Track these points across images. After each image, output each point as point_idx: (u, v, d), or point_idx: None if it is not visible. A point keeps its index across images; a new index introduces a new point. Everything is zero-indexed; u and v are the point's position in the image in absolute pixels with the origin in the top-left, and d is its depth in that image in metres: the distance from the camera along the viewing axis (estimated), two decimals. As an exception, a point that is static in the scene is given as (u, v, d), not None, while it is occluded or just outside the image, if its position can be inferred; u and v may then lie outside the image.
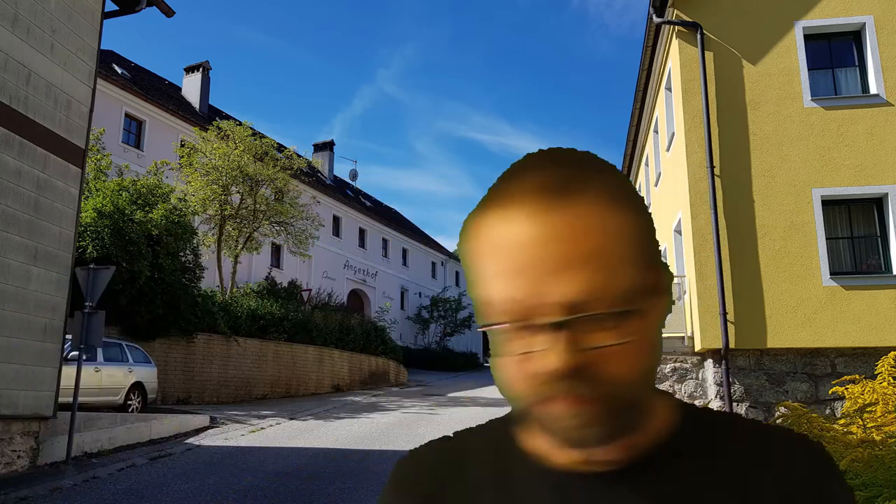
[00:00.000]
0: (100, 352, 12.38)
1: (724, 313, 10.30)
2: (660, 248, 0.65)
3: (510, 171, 0.64)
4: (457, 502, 0.70)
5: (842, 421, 6.48)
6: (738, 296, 10.38)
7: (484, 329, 0.63)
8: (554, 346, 0.58)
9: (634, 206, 0.62)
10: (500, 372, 0.63)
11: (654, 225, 0.65)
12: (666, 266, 0.65)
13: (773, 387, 10.32)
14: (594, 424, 0.60)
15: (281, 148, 24.84)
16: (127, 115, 24.32)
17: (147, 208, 15.80)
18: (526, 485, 0.68)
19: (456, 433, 0.77)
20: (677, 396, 0.70)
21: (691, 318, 11.07)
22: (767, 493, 0.63)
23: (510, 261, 0.59)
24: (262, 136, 22.47)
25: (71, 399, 9.45)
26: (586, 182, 0.60)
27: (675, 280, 7.68)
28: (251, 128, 22.05)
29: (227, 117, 28.78)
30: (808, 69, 11.12)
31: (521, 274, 0.58)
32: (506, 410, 0.78)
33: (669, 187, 13.43)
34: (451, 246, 49.41)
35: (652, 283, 0.62)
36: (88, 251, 13.95)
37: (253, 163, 21.14)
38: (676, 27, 11.45)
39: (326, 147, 38.58)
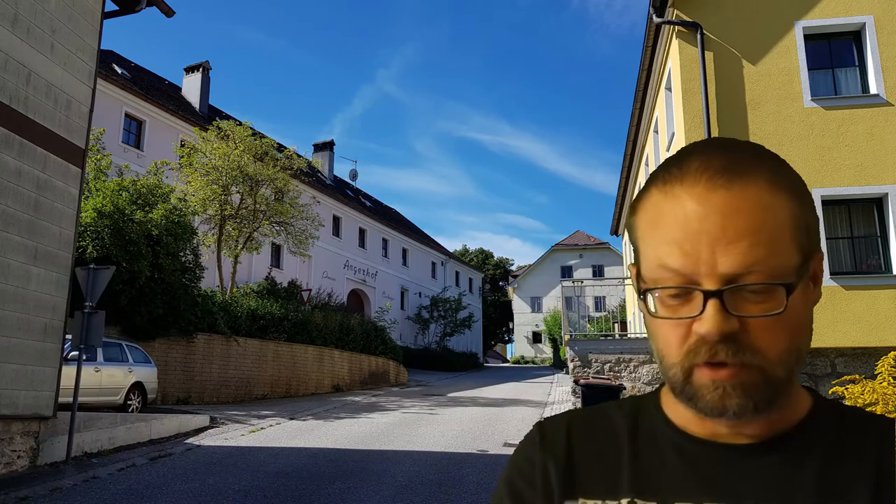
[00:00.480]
0: (100, 352, 12.38)
1: (724, 313, 10.28)
2: (819, 239, 0.69)
3: (678, 154, 0.69)
4: (591, 462, 0.74)
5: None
6: (738, 296, 10.37)
7: (645, 292, 0.68)
8: (708, 312, 0.63)
9: (794, 194, 0.66)
10: (655, 339, 0.68)
11: (816, 218, 0.69)
12: (821, 257, 0.70)
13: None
14: (735, 397, 0.64)
15: (281, 148, 24.84)
16: (127, 115, 24.32)
17: (147, 208, 15.80)
18: (659, 451, 0.72)
19: (601, 404, 0.82)
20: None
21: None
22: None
23: (674, 233, 0.65)
24: (262, 136, 22.47)
25: (71, 399, 9.45)
26: (748, 167, 0.65)
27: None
28: (251, 128, 22.05)
29: (227, 117, 28.80)
30: (808, 69, 11.12)
31: (683, 245, 0.64)
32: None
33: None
34: (451, 246, 49.43)
35: (806, 268, 0.66)
36: (88, 251, 13.95)
37: (253, 163, 21.14)
38: (676, 27, 11.45)
39: (326, 147, 38.59)
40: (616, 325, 18.86)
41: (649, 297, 0.68)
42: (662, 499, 0.68)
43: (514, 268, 64.63)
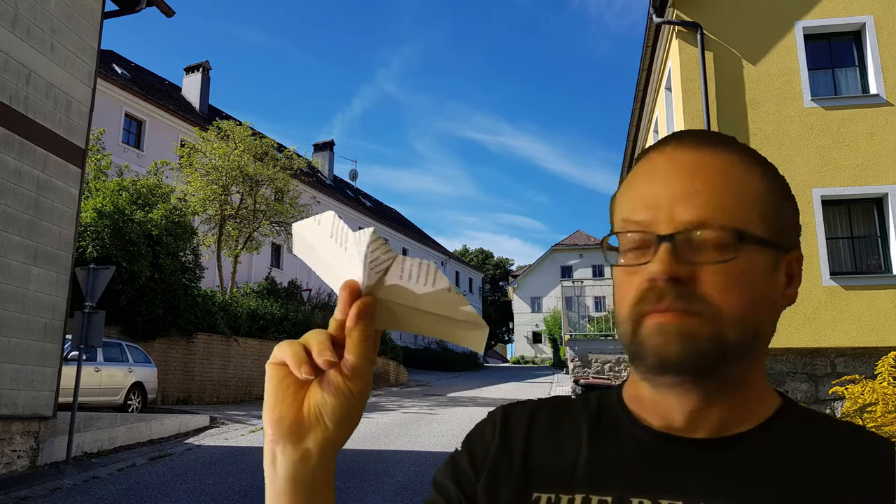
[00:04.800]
0: (100, 352, 12.38)
1: (724, 313, 10.27)
2: (792, 229, 0.69)
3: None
4: (548, 455, 0.72)
5: (842, 421, 6.47)
6: (738, 296, 10.37)
7: (609, 238, 0.69)
8: (658, 254, 0.63)
9: (769, 181, 0.67)
10: (616, 288, 0.68)
11: (795, 214, 0.69)
12: (800, 257, 0.69)
13: (773, 386, 10.31)
14: (677, 343, 0.62)
15: (281, 148, 24.84)
16: (127, 115, 24.33)
17: (147, 208, 15.80)
18: (619, 443, 0.70)
19: (571, 395, 0.81)
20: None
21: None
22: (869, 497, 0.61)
23: (641, 189, 0.67)
24: (262, 136, 22.48)
25: (71, 399, 9.46)
26: (721, 143, 0.67)
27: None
28: (251, 128, 22.06)
29: (227, 117, 28.79)
30: (808, 69, 11.12)
31: (646, 199, 0.66)
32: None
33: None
34: (451, 246, 49.40)
35: (778, 257, 0.66)
36: (88, 251, 13.95)
37: (253, 163, 21.14)
38: (676, 27, 11.45)
39: (326, 147, 38.62)
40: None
41: (612, 254, 0.69)
42: (618, 494, 0.66)
43: (514, 268, 64.64)
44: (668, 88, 13.11)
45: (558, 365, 40.30)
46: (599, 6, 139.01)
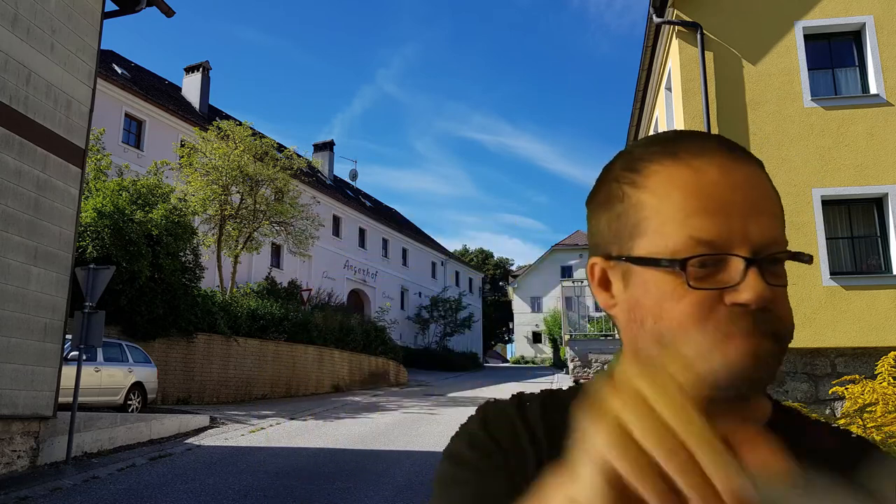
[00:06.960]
0: (100, 352, 12.38)
1: (724, 313, 10.27)
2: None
3: (671, 134, 0.68)
4: (559, 443, 0.68)
5: (842, 421, 6.47)
6: (738, 296, 10.37)
7: (682, 263, 0.62)
8: (751, 279, 0.61)
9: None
10: (672, 317, 0.62)
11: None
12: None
13: (773, 387, 10.32)
14: (764, 367, 0.61)
15: (281, 148, 24.83)
16: (127, 115, 24.32)
17: (147, 208, 15.79)
18: None
19: (574, 386, 0.78)
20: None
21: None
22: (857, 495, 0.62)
23: (704, 204, 0.62)
24: (262, 136, 22.47)
25: (71, 399, 9.45)
26: (749, 154, 0.67)
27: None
28: (251, 128, 22.06)
29: (227, 117, 28.77)
30: (808, 69, 11.12)
31: (716, 216, 0.62)
32: None
33: (669, 187, 13.41)
34: (451, 246, 49.43)
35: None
36: (88, 251, 13.95)
37: (253, 163, 21.14)
38: (676, 27, 11.45)
39: (326, 147, 38.60)
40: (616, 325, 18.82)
41: (662, 276, 0.63)
42: None
43: (514, 268, 64.63)
44: (668, 88, 13.11)
45: (558, 365, 40.31)
46: (599, 6, 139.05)
